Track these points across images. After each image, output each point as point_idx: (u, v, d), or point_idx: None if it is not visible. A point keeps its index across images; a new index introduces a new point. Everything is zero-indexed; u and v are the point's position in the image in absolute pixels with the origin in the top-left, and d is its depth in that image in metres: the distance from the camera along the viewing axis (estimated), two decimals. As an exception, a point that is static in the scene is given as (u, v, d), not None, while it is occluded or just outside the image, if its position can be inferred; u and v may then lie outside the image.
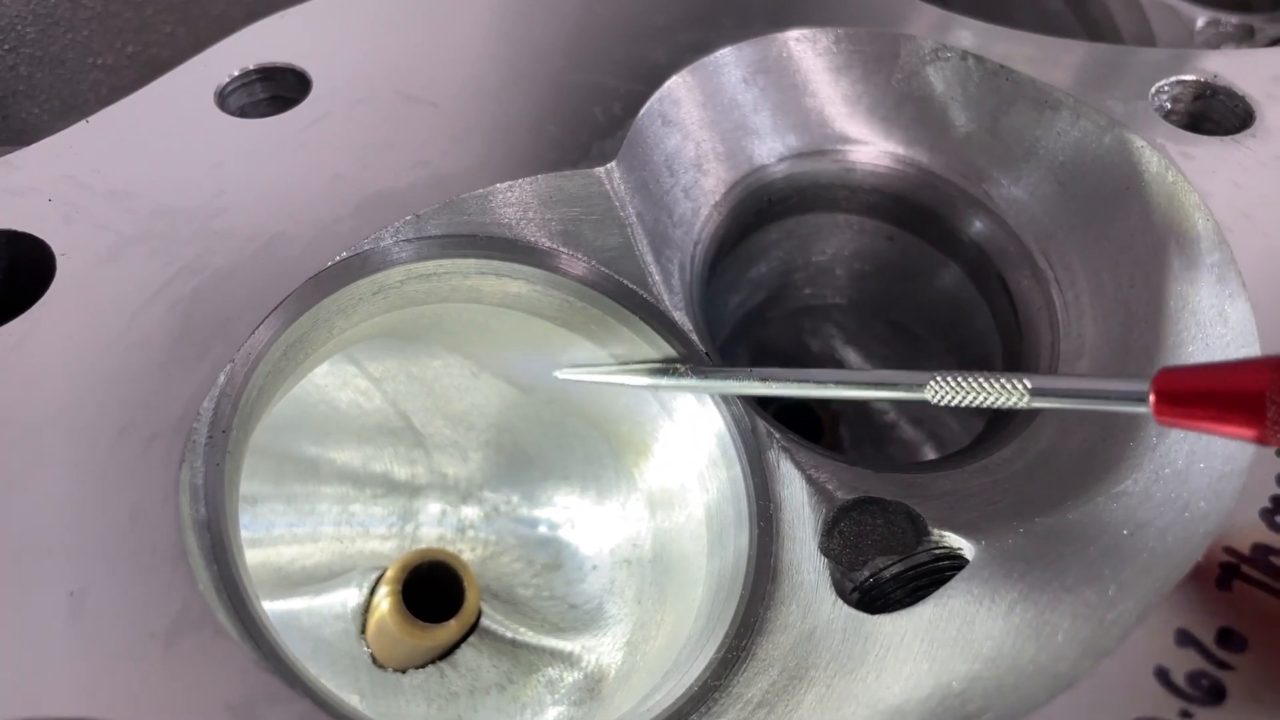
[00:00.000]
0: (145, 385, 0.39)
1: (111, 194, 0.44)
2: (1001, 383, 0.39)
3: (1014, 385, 0.39)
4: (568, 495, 0.60)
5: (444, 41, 0.54)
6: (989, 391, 0.39)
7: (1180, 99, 0.53)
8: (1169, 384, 0.34)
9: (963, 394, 0.40)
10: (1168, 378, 0.34)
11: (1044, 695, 0.33)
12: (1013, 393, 0.39)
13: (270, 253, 0.43)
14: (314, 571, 0.59)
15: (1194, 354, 0.44)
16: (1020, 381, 0.39)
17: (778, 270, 0.64)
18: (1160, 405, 0.34)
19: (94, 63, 0.72)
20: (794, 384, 0.46)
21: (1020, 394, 0.39)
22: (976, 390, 0.40)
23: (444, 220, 0.47)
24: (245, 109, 0.51)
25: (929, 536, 0.45)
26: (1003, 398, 0.39)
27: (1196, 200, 0.47)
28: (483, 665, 0.57)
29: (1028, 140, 0.55)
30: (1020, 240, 0.55)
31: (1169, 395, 0.34)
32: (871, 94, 0.57)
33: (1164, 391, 0.34)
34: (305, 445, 0.60)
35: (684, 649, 0.47)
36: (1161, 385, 0.34)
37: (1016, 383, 0.39)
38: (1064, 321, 0.52)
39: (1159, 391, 0.34)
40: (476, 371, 0.58)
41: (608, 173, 0.49)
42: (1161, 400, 0.34)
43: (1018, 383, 0.39)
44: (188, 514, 0.36)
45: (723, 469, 0.49)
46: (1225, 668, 0.32)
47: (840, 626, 0.42)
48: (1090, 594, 0.36)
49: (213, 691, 0.32)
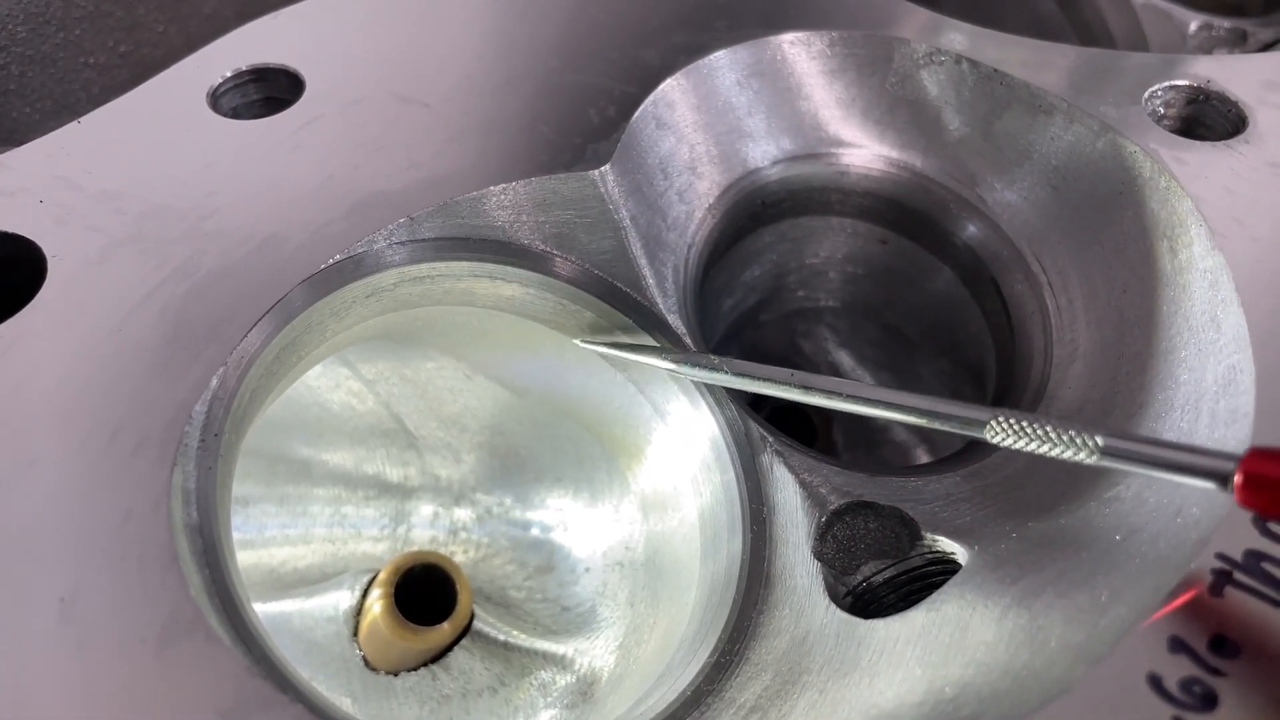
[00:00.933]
0: (137, 388, 0.38)
1: (103, 195, 0.44)
2: (1071, 435, 0.36)
3: (1085, 440, 0.35)
4: (560, 498, 0.60)
5: (437, 43, 0.54)
6: (1055, 442, 0.36)
7: (1173, 104, 0.53)
8: (1261, 467, 0.31)
9: (1025, 439, 0.37)
10: (1260, 460, 0.31)
11: (1037, 701, 0.33)
12: (1081, 447, 0.36)
13: (263, 255, 0.43)
14: (306, 573, 0.59)
15: (1186, 359, 0.44)
16: (1092, 438, 0.35)
17: (771, 273, 0.64)
18: (1247, 490, 0.31)
19: (86, 62, 0.72)
20: (836, 396, 0.42)
21: (1090, 450, 0.35)
22: (1041, 438, 0.37)
23: (437, 223, 0.46)
24: (238, 110, 0.51)
25: (922, 541, 0.45)
26: (1069, 450, 0.36)
27: (1189, 205, 0.47)
28: (475, 668, 0.57)
29: (1021, 144, 0.55)
30: (1013, 244, 0.55)
31: (1258, 480, 0.31)
32: (865, 97, 0.57)
33: (1254, 475, 0.31)
34: (298, 447, 0.60)
35: (677, 653, 0.47)
36: (1252, 467, 0.31)
37: (1088, 438, 0.35)
38: (1057, 326, 0.52)
39: (1247, 474, 0.31)
40: (470, 374, 0.57)
41: (602, 175, 0.49)
42: (1249, 484, 0.31)
43: (1089, 438, 0.35)
44: (179, 518, 0.36)
45: (716, 473, 0.49)
46: (1218, 674, 0.32)
47: (833, 631, 0.42)
48: (1083, 599, 0.36)
49: (204, 697, 0.32)
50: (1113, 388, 0.47)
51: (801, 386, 0.43)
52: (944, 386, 0.65)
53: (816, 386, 0.43)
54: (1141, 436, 0.35)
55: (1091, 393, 0.48)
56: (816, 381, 0.43)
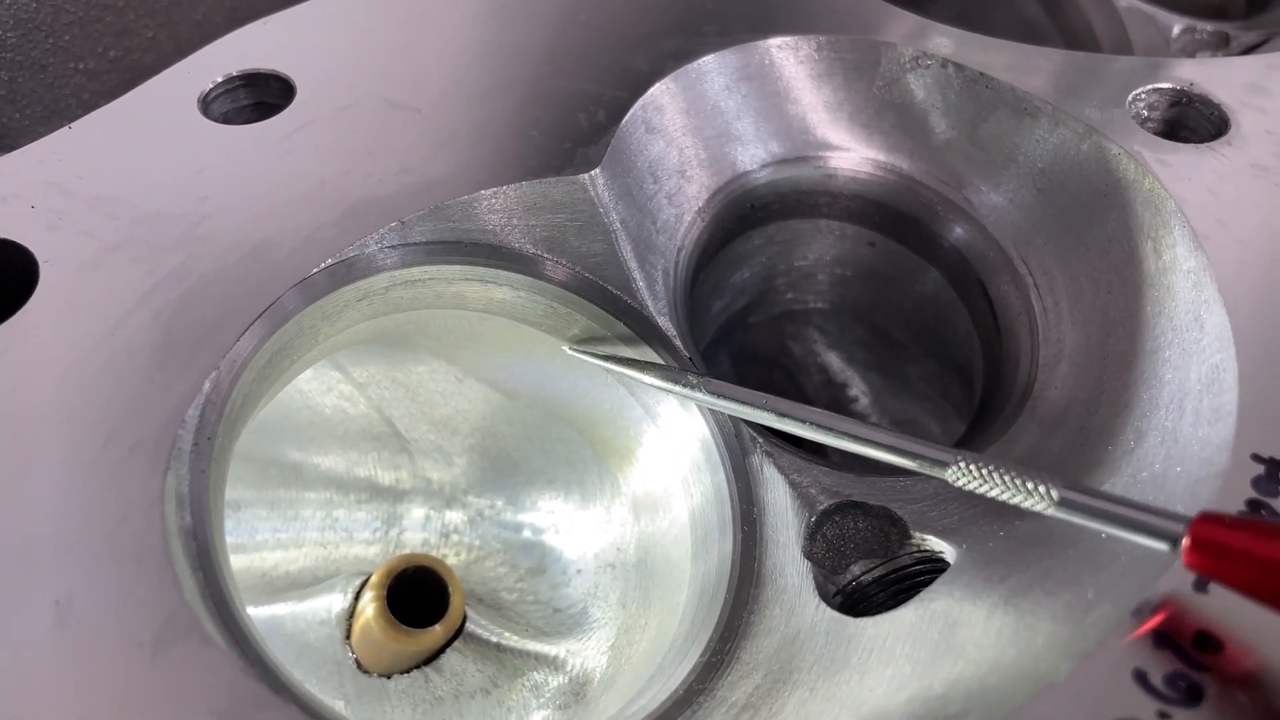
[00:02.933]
0: (130, 393, 0.39)
1: (95, 200, 0.44)
2: (1028, 485, 0.37)
3: (1041, 490, 0.36)
4: (552, 500, 0.60)
5: (428, 48, 0.54)
6: (1012, 489, 0.37)
7: (1156, 106, 0.54)
8: (1207, 532, 0.32)
9: (984, 484, 0.38)
10: (1207, 526, 0.32)
11: (1024, 697, 0.33)
12: (1037, 498, 0.36)
13: (255, 259, 0.43)
14: (298, 577, 0.59)
15: (1170, 358, 0.45)
16: (1049, 489, 0.36)
17: (760, 275, 0.64)
18: (1193, 552, 0.32)
19: (76, 68, 0.72)
20: (809, 425, 0.43)
21: (1045, 501, 0.36)
22: (999, 484, 0.38)
23: (429, 227, 0.47)
24: (229, 115, 0.51)
25: (911, 540, 0.45)
26: (1024, 498, 0.37)
27: (1173, 207, 0.47)
28: (468, 670, 0.57)
29: (1007, 147, 0.55)
30: (1000, 246, 0.55)
31: (1205, 544, 0.32)
32: (853, 101, 0.57)
33: (1201, 539, 0.32)
34: (289, 451, 0.60)
35: (668, 653, 0.47)
36: (1199, 532, 0.32)
37: (1044, 488, 0.36)
38: (1043, 327, 0.52)
39: (1195, 538, 0.32)
40: (461, 377, 0.58)
41: (592, 179, 0.49)
42: (1196, 548, 0.32)
43: (1045, 488, 0.36)
44: (173, 521, 0.36)
45: (706, 474, 0.49)
46: (1202, 669, 0.32)
47: (823, 630, 0.42)
48: (1069, 597, 0.37)
49: (199, 699, 0.33)
50: (1098, 387, 0.47)
51: (775, 412, 0.44)
52: (932, 388, 0.66)
53: (789, 414, 0.44)
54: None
55: (1077, 392, 0.49)
56: (792, 409, 0.44)
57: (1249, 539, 0.31)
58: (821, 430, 0.43)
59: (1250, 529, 0.31)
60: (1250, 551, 0.31)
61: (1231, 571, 0.31)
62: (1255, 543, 0.31)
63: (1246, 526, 0.32)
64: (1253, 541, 0.31)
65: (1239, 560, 0.31)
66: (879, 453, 0.42)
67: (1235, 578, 0.31)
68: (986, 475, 0.38)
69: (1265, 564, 0.31)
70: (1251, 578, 0.31)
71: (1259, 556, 0.31)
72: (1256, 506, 0.36)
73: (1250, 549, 0.31)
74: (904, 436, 0.41)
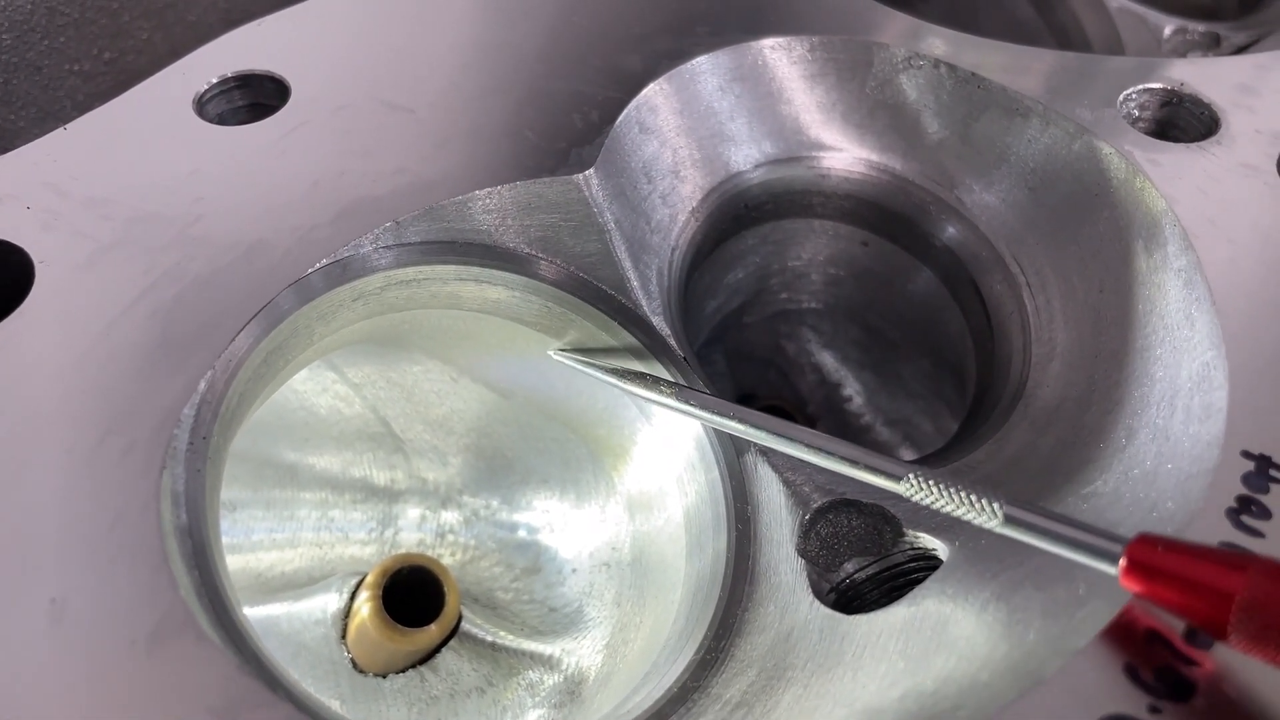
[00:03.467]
0: (125, 392, 0.39)
1: (90, 201, 0.44)
2: (976, 500, 0.38)
3: (987, 506, 0.38)
4: (547, 499, 0.60)
5: (422, 48, 0.54)
6: (961, 504, 0.38)
7: (1147, 106, 0.54)
8: (1143, 555, 0.33)
9: (935, 498, 0.39)
10: (1142, 548, 0.33)
11: (1016, 692, 0.34)
12: (985, 513, 0.38)
13: (250, 260, 0.43)
14: (294, 577, 0.59)
15: (1161, 356, 0.45)
16: (995, 506, 0.37)
17: (754, 275, 0.65)
18: (1129, 573, 0.33)
19: (71, 69, 0.72)
20: (771, 435, 0.44)
21: (991, 517, 0.37)
22: (949, 499, 0.39)
23: (423, 227, 0.47)
24: (224, 116, 0.51)
25: (904, 538, 0.45)
26: (972, 514, 0.38)
27: (1163, 206, 0.47)
28: (463, 669, 0.57)
29: (999, 147, 0.55)
30: (992, 245, 0.55)
31: (1140, 566, 0.33)
32: (845, 101, 0.58)
33: (1136, 561, 0.33)
34: (285, 451, 0.60)
35: (663, 651, 0.47)
36: (1135, 554, 0.33)
37: (991, 505, 0.37)
38: (1035, 326, 0.53)
39: (1131, 560, 0.33)
40: (456, 377, 0.58)
41: (586, 179, 0.50)
42: (1132, 568, 0.33)
43: (992, 505, 0.37)
44: (169, 520, 0.36)
45: (701, 472, 0.49)
46: (1192, 664, 0.33)
47: (817, 627, 0.43)
48: (1061, 592, 0.37)
49: (195, 697, 0.33)
50: (1090, 385, 0.48)
51: (740, 421, 0.45)
52: (925, 387, 0.66)
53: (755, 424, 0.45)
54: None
55: (1069, 391, 0.49)
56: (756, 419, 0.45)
57: (1181, 562, 0.32)
58: (780, 440, 0.44)
59: (1183, 553, 0.32)
60: (1182, 574, 0.32)
61: (1165, 593, 0.32)
62: (1187, 566, 0.32)
63: (1180, 550, 0.32)
64: (1185, 565, 0.32)
65: (1171, 583, 0.32)
66: (834, 464, 0.43)
67: (1168, 600, 0.32)
68: (939, 490, 0.39)
69: (1196, 587, 0.32)
70: (1183, 600, 0.32)
71: (1190, 579, 0.32)
72: (1247, 502, 0.37)
73: (1182, 572, 0.32)
74: (861, 450, 0.43)
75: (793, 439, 0.44)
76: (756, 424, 0.45)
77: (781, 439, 0.44)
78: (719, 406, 0.46)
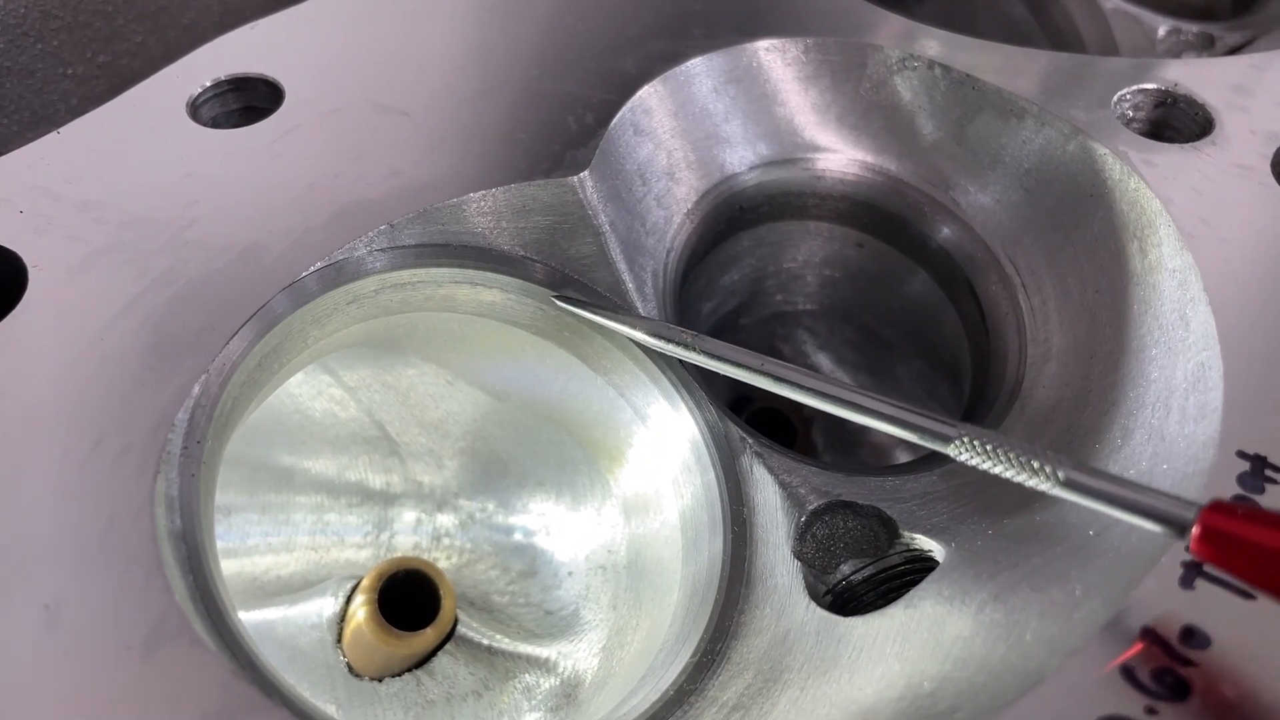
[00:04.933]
0: (119, 397, 0.39)
1: (84, 205, 0.44)
2: (1033, 463, 0.36)
3: (1046, 470, 0.36)
4: (543, 502, 0.60)
5: (416, 51, 0.54)
6: (1016, 466, 0.36)
7: (1141, 107, 0.54)
8: (1218, 521, 0.31)
9: (988, 460, 0.37)
10: (1217, 515, 0.31)
11: (1013, 693, 0.34)
12: (1042, 477, 0.36)
13: (244, 263, 0.43)
14: (289, 581, 0.59)
15: (1156, 357, 0.45)
16: (1056, 469, 0.35)
17: (750, 277, 0.65)
18: (1202, 541, 0.31)
19: (64, 73, 0.72)
20: (805, 391, 0.41)
21: (1050, 481, 0.36)
22: (1003, 461, 0.37)
23: (418, 230, 0.47)
24: (217, 119, 0.51)
25: (900, 539, 0.45)
26: (1028, 477, 0.36)
27: (1158, 207, 0.48)
28: (459, 673, 0.57)
29: (993, 148, 0.55)
30: (987, 246, 0.55)
31: (1215, 533, 0.31)
32: (840, 103, 0.58)
33: (1210, 528, 0.31)
34: (280, 455, 0.60)
35: (659, 654, 0.47)
36: (1209, 521, 0.31)
37: (1050, 467, 0.36)
38: (1031, 326, 0.53)
39: (1205, 527, 0.31)
40: (451, 380, 0.58)
41: (580, 181, 0.50)
42: (1206, 537, 0.31)
43: (1051, 468, 0.35)
44: (163, 525, 0.36)
45: (696, 474, 0.49)
46: (1189, 665, 0.33)
47: (813, 629, 0.43)
48: (1057, 594, 0.37)
49: (190, 702, 0.33)
50: (1085, 386, 0.48)
51: (771, 375, 0.42)
52: (921, 388, 0.66)
53: (786, 378, 0.42)
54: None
55: (1065, 391, 0.49)
56: (786, 373, 0.42)
57: (1259, 530, 0.31)
58: (819, 397, 0.41)
59: (1260, 520, 0.31)
60: (1260, 543, 0.31)
61: (1238, 562, 0.31)
62: (1265, 534, 0.31)
63: (1256, 518, 0.31)
64: (1262, 533, 0.31)
65: (1247, 551, 0.31)
66: (879, 423, 0.40)
67: (1241, 568, 0.31)
68: (990, 452, 0.37)
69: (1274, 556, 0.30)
70: (1258, 568, 0.31)
71: (1268, 548, 0.31)
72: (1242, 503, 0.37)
73: (1260, 540, 0.31)
74: (906, 407, 0.40)
75: (830, 395, 0.41)
76: (786, 378, 0.42)
77: (815, 395, 0.41)
78: (744, 357, 0.43)
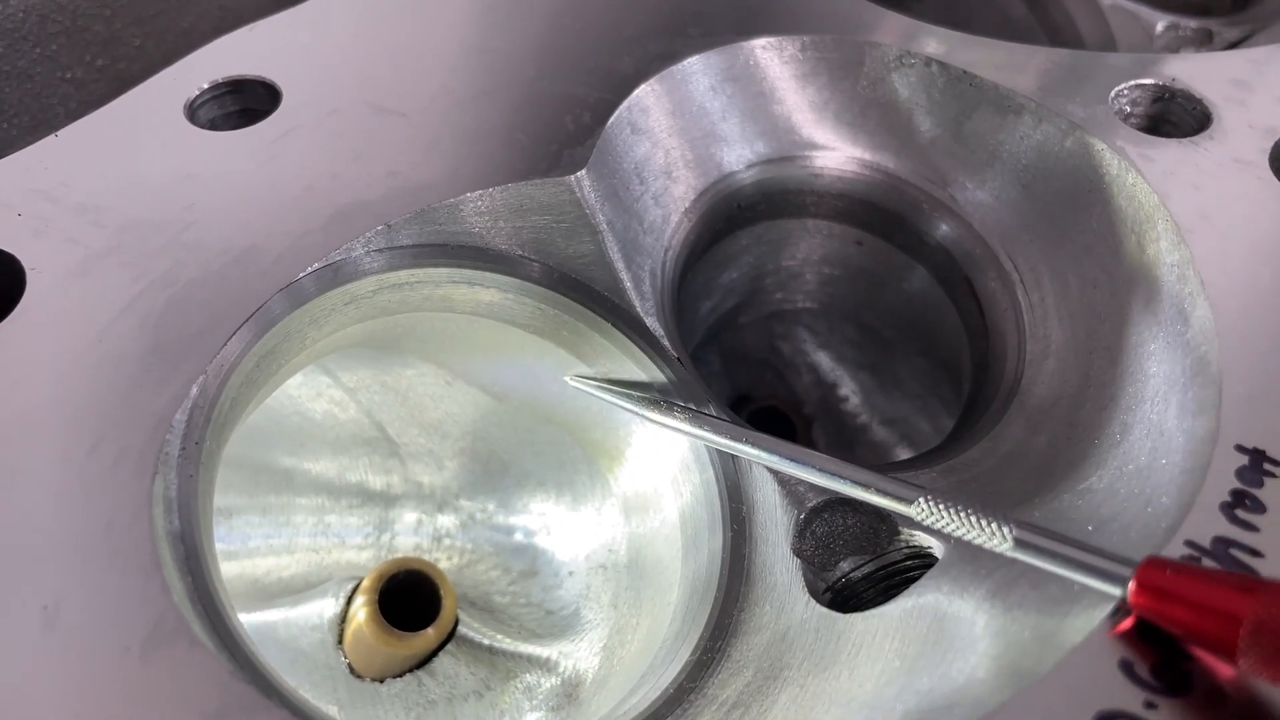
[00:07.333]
0: (117, 398, 0.39)
1: (82, 208, 0.44)
2: (987, 524, 0.38)
3: (998, 530, 0.38)
4: (543, 502, 0.60)
5: (413, 52, 0.54)
6: (971, 528, 0.39)
7: (1139, 102, 0.54)
8: (1152, 578, 0.33)
9: (946, 521, 0.40)
10: (1151, 571, 0.33)
11: (1012, 689, 0.33)
12: (995, 537, 0.38)
13: (241, 265, 0.43)
14: (290, 583, 0.59)
15: (1155, 351, 0.45)
16: (1006, 529, 0.38)
17: (748, 275, 0.65)
18: (1139, 595, 0.33)
19: (62, 77, 0.72)
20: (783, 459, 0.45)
21: (1002, 540, 0.38)
22: (960, 522, 0.39)
23: (415, 230, 0.47)
24: (215, 121, 0.51)
25: (899, 536, 0.45)
26: (983, 537, 0.38)
27: (1156, 202, 0.47)
28: (460, 673, 0.57)
29: (991, 144, 0.55)
30: (986, 243, 0.55)
31: (1150, 588, 0.33)
32: (838, 100, 0.58)
33: (1145, 584, 0.33)
34: (280, 457, 0.60)
35: (659, 652, 0.47)
36: (1144, 578, 0.33)
37: (1001, 529, 0.38)
38: (1030, 323, 0.53)
39: (1140, 582, 0.33)
40: (450, 380, 0.58)
41: (578, 181, 0.50)
42: (1142, 591, 0.33)
43: (1002, 529, 0.38)
44: (161, 526, 0.36)
45: (696, 473, 0.49)
46: (1189, 659, 0.33)
47: (813, 626, 0.43)
48: (1056, 590, 0.37)
49: (189, 703, 0.33)
50: (1084, 382, 0.48)
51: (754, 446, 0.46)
52: (921, 385, 0.66)
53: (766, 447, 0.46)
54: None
55: (1064, 388, 0.49)
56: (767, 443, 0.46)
57: (1190, 585, 0.32)
58: (793, 464, 0.45)
59: (1192, 575, 0.33)
60: (1190, 597, 0.32)
61: (1174, 616, 0.33)
62: (1196, 589, 0.32)
63: (1189, 573, 0.33)
64: (1193, 588, 0.32)
65: (1180, 605, 0.32)
66: (845, 488, 0.44)
67: (1177, 622, 0.33)
68: (949, 513, 0.40)
69: (1205, 609, 0.32)
70: (1192, 622, 0.32)
71: (1198, 602, 0.32)
72: (1241, 496, 0.37)
73: (1190, 595, 0.32)
74: (872, 473, 0.43)
75: (804, 463, 0.45)
76: (769, 449, 0.46)
77: (794, 463, 0.45)
78: (733, 431, 0.47)
